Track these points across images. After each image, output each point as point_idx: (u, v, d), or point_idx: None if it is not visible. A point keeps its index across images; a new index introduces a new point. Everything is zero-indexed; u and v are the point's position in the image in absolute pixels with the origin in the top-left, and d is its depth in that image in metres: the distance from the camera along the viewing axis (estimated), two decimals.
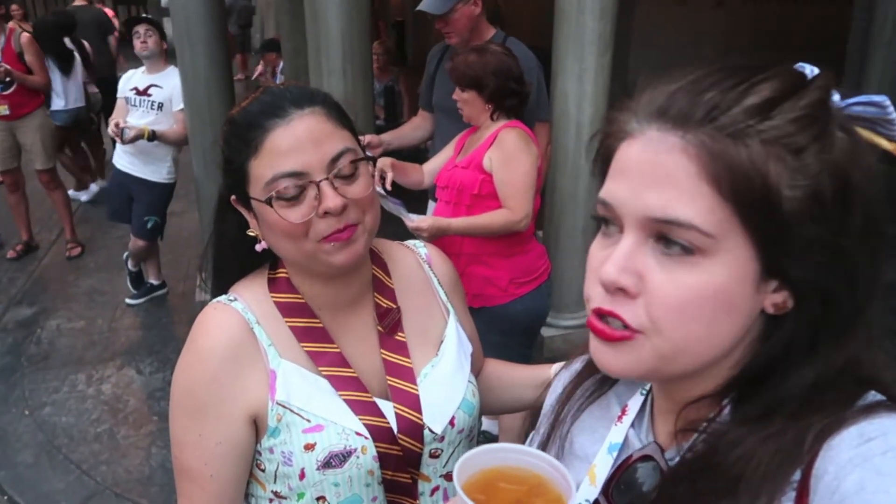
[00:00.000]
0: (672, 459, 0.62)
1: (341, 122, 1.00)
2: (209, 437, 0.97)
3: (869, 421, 0.51)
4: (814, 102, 0.54)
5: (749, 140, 0.52)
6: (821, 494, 0.49)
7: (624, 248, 0.56)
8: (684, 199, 0.53)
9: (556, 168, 3.39)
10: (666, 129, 0.54)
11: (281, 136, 0.94)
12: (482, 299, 2.37)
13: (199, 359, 0.99)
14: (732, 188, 0.52)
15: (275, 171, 0.94)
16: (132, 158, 4.18)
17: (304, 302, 1.04)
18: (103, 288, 4.84)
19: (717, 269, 0.53)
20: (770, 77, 0.54)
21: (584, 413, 0.76)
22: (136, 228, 4.28)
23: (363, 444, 0.97)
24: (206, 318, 1.02)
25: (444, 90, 2.76)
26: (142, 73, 4.15)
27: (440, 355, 1.09)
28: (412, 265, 1.18)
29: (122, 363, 3.93)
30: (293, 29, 4.67)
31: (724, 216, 0.52)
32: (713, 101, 0.53)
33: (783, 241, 0.53)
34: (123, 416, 3.45)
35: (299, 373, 1.00)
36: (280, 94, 0.98)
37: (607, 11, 3.20)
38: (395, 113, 6.23)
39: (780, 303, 0.56)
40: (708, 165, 0.52)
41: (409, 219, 2.25)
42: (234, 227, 1.06)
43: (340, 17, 3.08)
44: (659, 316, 0.55)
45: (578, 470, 0.70)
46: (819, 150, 0.53)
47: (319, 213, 0.94)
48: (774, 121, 0.52)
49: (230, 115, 1.03)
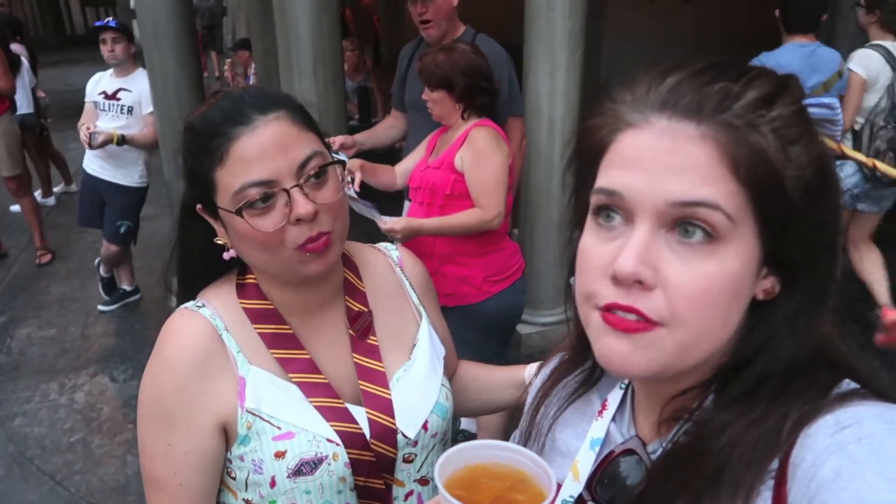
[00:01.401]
0: (654, 452, 0.63)
1: (306, 125, 0.98)
2: (178, 445, 0.96)
3: (844, 409, 0.52)
4: (799, 99, 0.58)
5: (762, 128, 0.55)
6: (798, 482, 0.50)
7: (640, 239, 0.55)
8: (708, 182, 0.54)
9: (529, 165, 3.40)
10: (679, 119, 0.55)
11: (246, 143, 0.92)
12: (457, 298, 2.37)
13: (167, 367, 0.97)
14: (749, 174, 0.54)
15: (243, 180, 0.92)
16: (103, 163, 4.12)
17: (274, 308, 1.03)
18: (75, 295, 4.76)
19: (732, 256, 0.55)
20: (760, 74, 0.58)
21: (565, 409, 0.76)
22: (109, 233, 4.22)
23: (334, 451, 0.96)
24: (173, 326, 1.00)
25: (417, 89, 2.76)
26: (110, 76, 4.09)
27: (413, 359, 1.08)
28: (383, 268, 1.16)
29: (95, 371, 3.87)
30: (263, 30, 4.64)
31: (742, 202, 0.54)
32: (722, 93, 0.55)
33: (784, 226, 0.56)
34: (97, 425, 3.39)
35: (269, 379, 0.98)
36: (240, 98, 0.96)
37: (577, 9, 3.22)
38: (369, 112, 6.21)
39: (769, 288, 0.58)
40: (726, 152, 0.54)
41: (382, 221, 2.24)
42: (201, 236, 1.03)
43: (310, 16, 3.06)
44: (680, 307, 0.54)
45: (561, 466, 0.70)
46: (808, 142, 0.56)
47: (291, 221, 0.92)
48: (775, 112, 0.56)
49: (189, 122, 1.00)
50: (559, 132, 3.37)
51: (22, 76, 5.64)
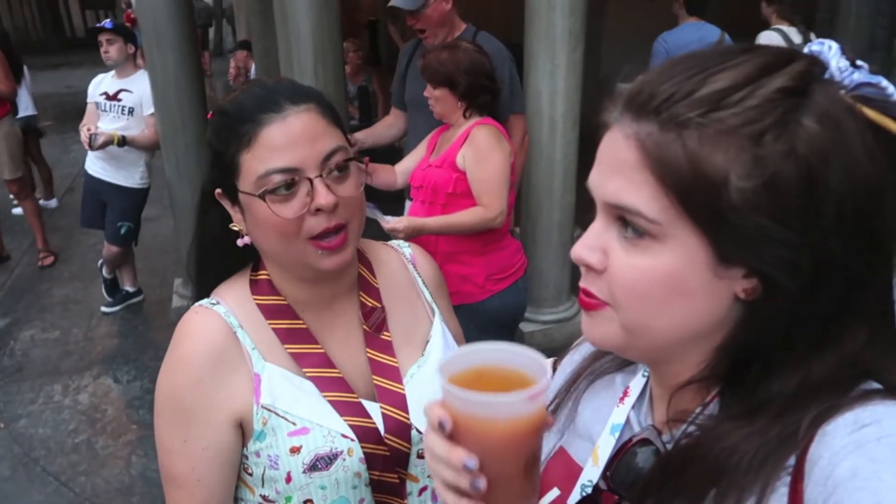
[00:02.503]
0: (669, 443, 0.63)
1: (334, 120, 1.00)
2: (195, 441, 0.96)
3: (864, 407, 0.51)
4: (779, 89, 0.52)
5: (687, 132, 0.53)
6: (815, 479, 0.49)
7: (593, 229, 0.60)
8: (632, 187, 0.55)
9: (531, 164, 3.41)
10: (627, 119, 0.56)
11: (276, 130, 0.93)
12: (459, 297, 2.37)
13: (183, 364, 0.98)
14: (671, 179, 0.53)
15: (268, 165, 0.93)
16: (104, 164, 4.12)
17: (287, 304, 1.04)
18: (78, 297, 4.77)
19: (666, 253, 0.55)
20: (738, 64, 0.54)
21: (591, 391, 0.77)
22: (110, 234, 4.23)
23: (349, 447, 0.97)
24: (189, 323, 1.01)
25: (417, 87, 2.76)
26: (111, 77, 4.10)
27: (426, 355, 1.09)
28: (397, 265, 1.17)
29: (98, 372, 3.88)
30: (263, 30, 4.65)
31: (668, 204, 0.54)
32: (668, 92, 0.54)
33: (734, 230, 0.53)
34: (101, 426, 3.40)
35: (284, 376, 0.99)
36: (274, 88, 0.98)
37: (577, 8, 3.22)
38: (370, 113, 6.21)
39: (750, 289, 0.55)
40: (649, 156, 0.54)
41: (385, 220, 2.25)
42: (217, 222, 1.04)
43: (310, 16, 3.06)
44: (616, 292, 0.58)
45: (583, 449, 0.72)
46: (775, 139, 0.52)
47: (311, 210, 0.93)
48: (728, 110, 0.52)
49: (220, 105, 1.01)
50: (560, 131, 3.38)
51: (25, 79, 5.66)
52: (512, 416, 0.57)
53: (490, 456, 0.58)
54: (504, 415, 0.57)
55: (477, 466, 0.57)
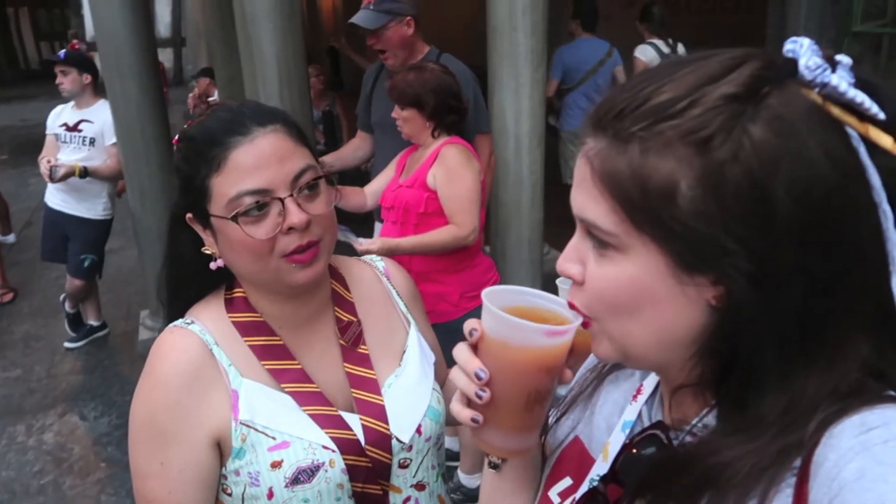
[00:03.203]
0: (676, 439, 0.63)
1: (301, 140, 1.01)
2: (172, 464, 0.95)
3: (871, 410, 0.51)
4: (722, 96, 0.52)
5: (631, 146, 0.54)
6: (820, 481, 0.49)
7: (572, 242, 0.62)
8: (591, 201, 0.57)
9: (498, 182, 3.44)
10: (589, 135, 0.58)
11: (244, 153, 0.94)
12: (434, 315, 2.35)
13: (158, 384, 0.97)
14: (619, 193, 0.55)
15: (239, 188, 0.94)
16: (65, 196, 4.04)
17: (263, 320, 1.04)
18: (40, 333, 4.64)
19: (628, 263, 0.56)
20: (685, 74, 0.54)
21: (612, 382, 0.78)
22: (73, 268, 4.13)
23: (331, 458, 0.97)
24: (164, 343, 1.00)
25: (383, 109, 2.77)
26: (71, 108, 4.04)
27: (403, 365, 1.10)
28: (371, 279, 1.18)
29: (63, 410, 3.76)
30: (226, 57, 4.62)
31: (622, 217, 0.55)
32: (618, 108, 0.55)
33: (688, 239, 0.53)
34: (68, 466, 3.29)
35: (262, 390, 0.99)
36: (239, 110, 0.99)
37: (538, 28, 3.28)
38: (335, 137, 6.21)
39: (719, 296, 0.55)
40: (599, 171, 0.56)
41: (358, 242, 2.24)
42: (189, 246, 1.04)
43: (275, 41, 3.07)
44: (592, 303, 0.60)
45: (598, 441, 0.73)
46: (719, 146, 0.51)
47: (284, 230, 0.94)
48: (670, 122, 0.52)
49: (186, 131, 1.02)
50: (526, 148, 3.42)
51: None
52: (523, 345, 0.62)
53: (498, 375, 0.64)
54: (517, 341, 0.63)
55: (486, 378, 0.64)
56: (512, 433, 0.68)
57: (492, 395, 0.64)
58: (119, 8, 3.60)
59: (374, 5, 2.74)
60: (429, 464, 1.08)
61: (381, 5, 2.72)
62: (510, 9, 3.22)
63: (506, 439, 0.68)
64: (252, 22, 3.08)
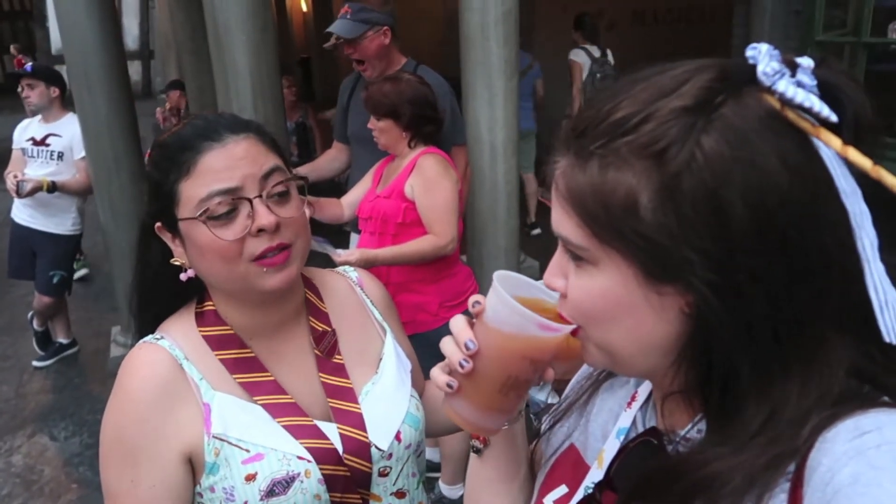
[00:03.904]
0: (669, 445, 0.63)
1: (273, 147, 1.01)
2: (143, 480, 0.93)
3: (864, 414, 0.51)
4: (673, 110, 0.53)
5: (591, 163, 0.55)
6: (814, 486, 0.49)
7: (555, 256, 0.63)
8: (563, 217, 0.59)
9: (474, 191, 3.45)
10: (559, 152, 0.60)
11: (215, 157, 0.94)
12: (414, 325, 2.36)
13: (128, 400, 0.96)
14: (582, 209, 0.57)
15: (209, 188, 0.93)
16: (33, 211, 3.96)
17: (234, 333, 1.02)
18: (6, 352, 4.51)
19: (600, 275, 0.58)
20: (641, 90, 0.55)
21: (608, 390, 0.78)
22: (41, 285, 4.03)
23: (306, 468, 0.95)
24: (133, 359, 0.99)
25: (359, 120, 2.77)
26: (38, 122, 3.96)
27: (380, 372, 1.09)
28: (344, 289, 1.18)
29: (33, 431, 3.66)
30: (197, 69, 4.58)
31: (588, 232, 0.57)
32: (582, 126, 0.57)
33: (651, 250, 0.54)
34: (38, 488, 3.20)
35: (235, 403, 0.97)
36: (215, 119, 0.99)
37: (511, 38, 3.31)
38: (308, 148, 6.19)
39: (691, 303, 0.55)
40: (563, 189, 0.58)
41: (336, 254, 2.23)
42: (159, 257, 1.03)
43: (247, 52, 3.05)
44: (574, 314, 0.62)
45: (593, 448, 0.74)
46: (673, 158, 0.52)
47: (253, 231, 0.93)
48: (625, 137, 0.54)
49: (160, 139, 1.02)
50: (501, 157, 3.44)
51: None
52: (516, 330, 0.65)
53: (485, 351, 0.67)
54: (511, 324, 0.65)
55: (474, 350, 0.66)
56: (481, 409, 0.70)
57: (473, 368, 0.67)
58: (87, 19, 3.55)
59: (351, 15, 2.74)
60: (409, 471, 1.08)
61: (359, 15, 2.73)
62: (483, 19, 3.25)
63: (473, 413, 0.70)
64: (224, 33, 3.06)
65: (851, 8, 4.79)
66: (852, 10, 4.79)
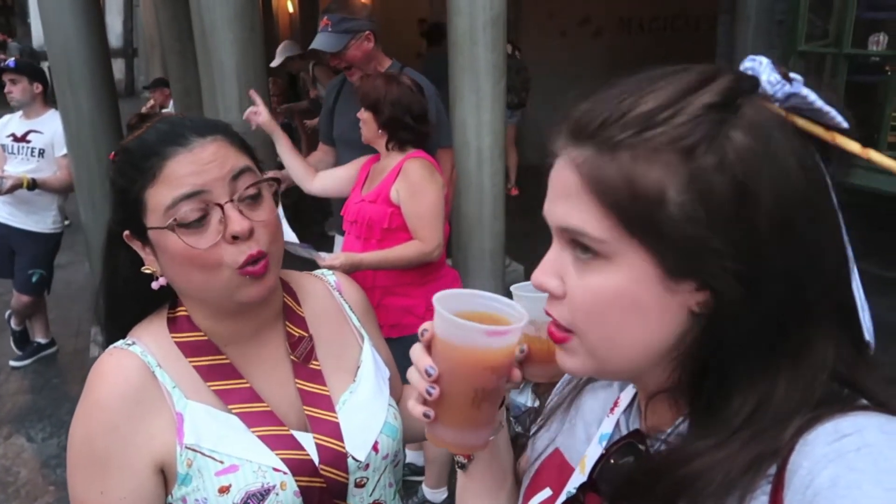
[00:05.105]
0: (653, 447, 0.63)
1: (243, 148, 0.98)
2: (112, 492, 0.91)
3: (844, 417, 0.51)
4: (705, 105, 0.54)
5: (621, 153, 0.55)
6: (794, 488, 0.49)
7: (549, 255, 0.62)
8: (577, 209, 0.58)
9: (460, 195, 3.45)
10: (568, 146, 0.59)
11: (180, 162, 0.91)
12: (400, 328, 2.36)
13: (97, 408, 0.93)
14: (610, 199, 0.56)
15: (175, 193, 0.90)
16: (12, 209, 3.90)
17: (207, 339, 1.00)
18: None
19: (617, 272, 0.57)
20: (665, 85, 0.56)
21: (590, 393, 0.78)
22: (20, 283, 3.98)
23: (282, 480, 0.93)
24: (102, 365, 0.96)
25: (345, 122, 2.76)
26: (19, 118, 3.92)
27: (358, 381, 1.07)
28: (322, 293, 1.15)
29: (9, 432, 3.61)
30: (182, 69, 4.54)
31: (612, 224, 0.56)
32: (602, 117, 0.57)
33: (676, 244, 0.54)
34: (14, 490, 3.15)
35: (208, 412, 0.95)
36: (179, 122, 0.95)
37: (498, 43, 3.32)
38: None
39: (703, 302, 0.56)
40: (588, 179, 0.57)
41: (321, 258, 2.22)
42: (127, 266, 1.00)
43: (234, 51, 3.03)
44: (576, 317, 0.60)
45: (577, 452, 0.73)
46: (705, 153, 0.53)
47: (227, 238, 0.90)
48: (657, 129, 0.54)
49: (123, 144, 0.98)
50: (488, 161, 3.44)
51: None
52: (467, 344, 0.66)
53: (446, 374, 0.68)
54: (461, 340, 0.66)
55: (435, 375, 0.67)
56: (461, 429, 0.71)
57: (441, 391, 0.68)
58: (70, 16, 3.52)
59: (332, 27, 2.72)
60: (386, 482, 1.06)
61: (339, 26, 2.71)
62: (471, 24, 3.25)
63: (455, 435, 0.71)
64: (211, 33, 3.04)
65: (833, 19, 4.86)
66: (834, 21, 4.86)
